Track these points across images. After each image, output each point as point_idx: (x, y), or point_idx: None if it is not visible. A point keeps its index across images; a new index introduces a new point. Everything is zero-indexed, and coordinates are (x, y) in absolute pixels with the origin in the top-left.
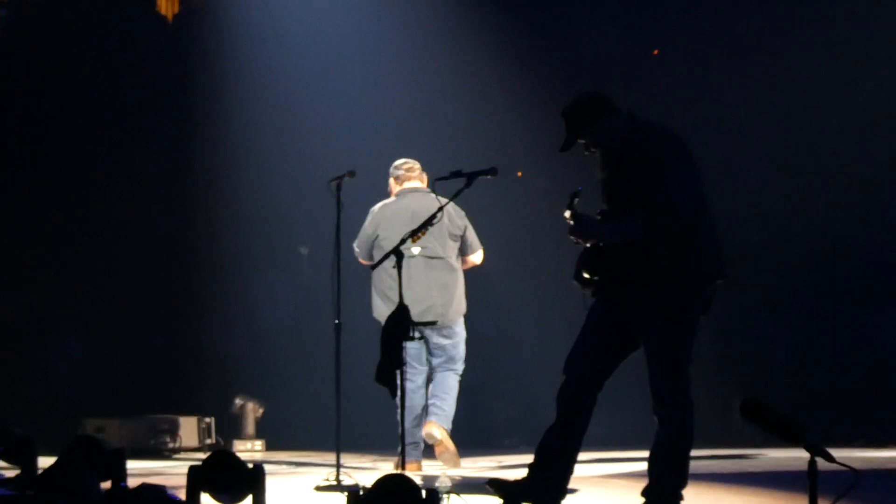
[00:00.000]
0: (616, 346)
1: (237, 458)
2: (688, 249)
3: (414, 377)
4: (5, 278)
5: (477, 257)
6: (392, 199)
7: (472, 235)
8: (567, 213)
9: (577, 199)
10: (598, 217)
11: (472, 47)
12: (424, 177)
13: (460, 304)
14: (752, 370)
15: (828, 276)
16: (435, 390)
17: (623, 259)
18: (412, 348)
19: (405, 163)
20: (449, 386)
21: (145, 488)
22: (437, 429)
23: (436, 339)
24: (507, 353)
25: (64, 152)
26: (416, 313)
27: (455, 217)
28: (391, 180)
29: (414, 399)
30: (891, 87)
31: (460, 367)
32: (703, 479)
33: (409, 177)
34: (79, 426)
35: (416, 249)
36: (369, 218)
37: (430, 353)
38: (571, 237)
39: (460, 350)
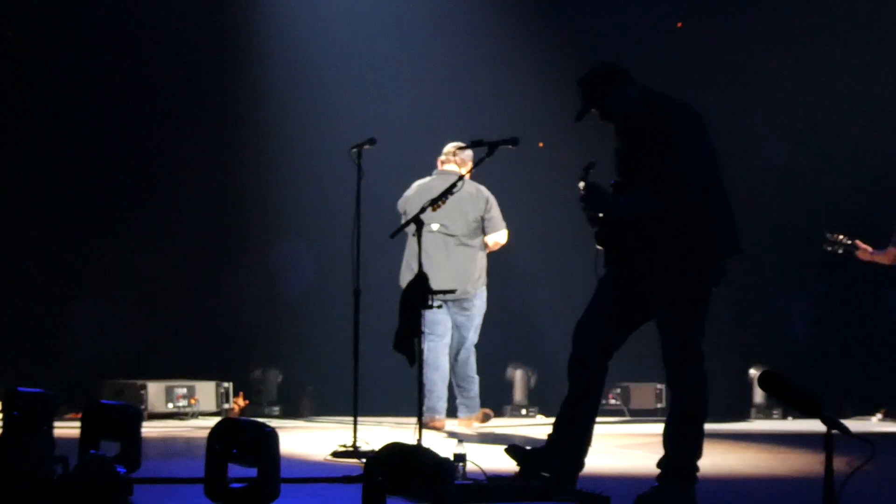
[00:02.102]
0: (626, 316)
1: (248, 422)
2: (701, 222)
3: (441, 338)
4: (33, 244)
5: (500, 236)
6: (428, 178)
7: (495, 214)
8: (581, 185)
9: (591, 171)
10: (612, 188)
11: (494, 16)
12: (468, 163)
13: (477, 280)
14: (770, 343)
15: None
16: (458, 378)
17: (635, 230)
18: (437, 314)
19: (449, 147)
20: (468, 373)
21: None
22: (467, 423)
23: (460, 317)
24: (526, 324)
25: (91, 120)
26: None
27: (477, 197)
28: (438, 161)
29: (439, 358)
30: None
31: (474, 338)
32: (715, 437)
33: (448, 160)
34: (99, 389)
35: (434, 226)
36: (405, 194)
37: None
38: (583, 209)
39: (476, 322)
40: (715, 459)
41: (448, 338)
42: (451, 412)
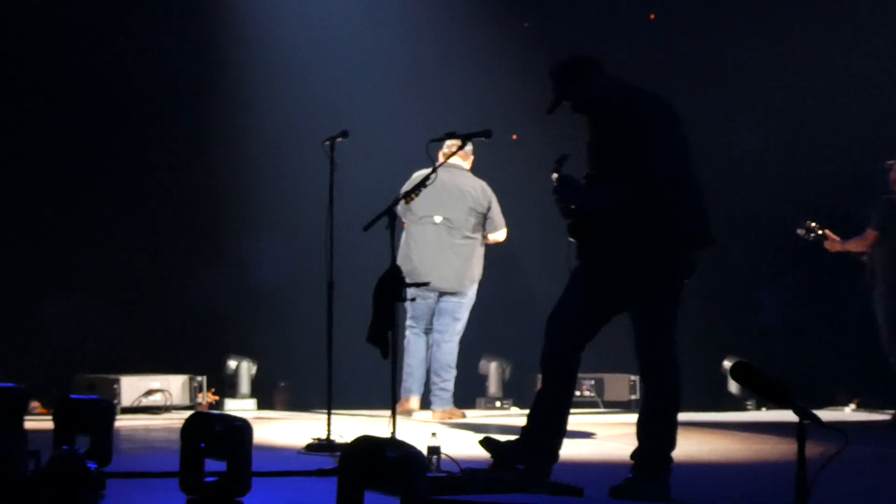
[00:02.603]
0: (598, 308)
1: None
2: (673, 213)
3: (423, 330)
4: (3, 238)
5: (499, 235)
6: (428, 169)
7: (496, 213)
8: (554, 177)
9: (564, 163)
10: (584, 180)
11: (467, 8)
12: (470, 156)
13: (474, 272)
14: (743, 333)
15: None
16: (436, 365)
17: (608, 222)
18: (419, 307)
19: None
20: (447, 362)
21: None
22: (440, 415)
23: (443, 302)
24: (500, 316)
25: (62, 115)
26: (431, 278)
27: (481, 194)
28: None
29: (421, 349)
30: (887, 52)
31: (460, 329)
32: (690, 427)
33: (447, 153)
34: (71, 383)
35: (438, 218)
36: (405, 184)
37: (437, 314)
38: (556, 201)
39: (465, 315)
40: (689, 448)
41: (428, 329)
42: (428, 404)
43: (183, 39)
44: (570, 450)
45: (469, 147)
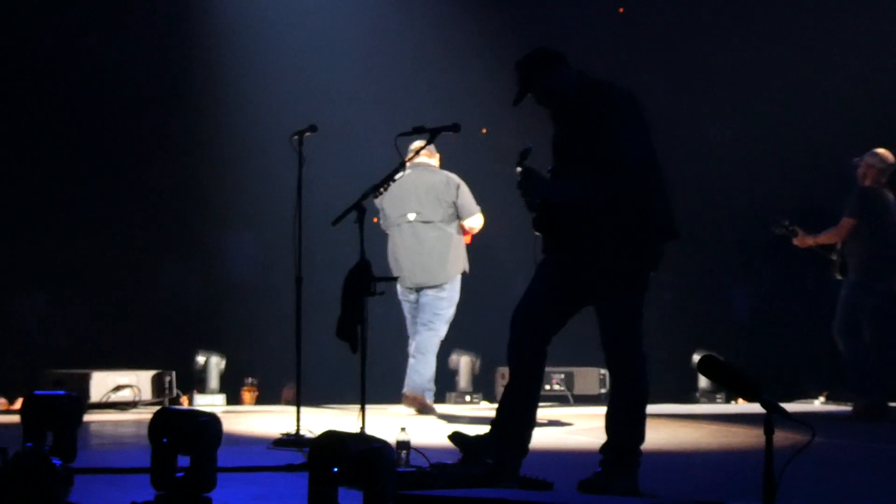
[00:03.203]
0: (564, 302)
1: (185, 411)
2: (638, 207)
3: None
4: None
5: (474, 221)
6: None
7: (466, 200)
8: (517, 170)
9: (527, 157)
10: (549, 174)
11: (436, 2)
12: (435, 154)
13: (454, 266)
14: (714, 327)
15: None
16: (415, 349)
17: (573, 216)
18: (406, 308)
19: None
20: (428, 347)
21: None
22: (411, 401)
23: (425, 297)
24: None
25: (27, 110)
26: (411, 275)
27: (448, 184)
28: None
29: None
30: (856, 44)
31: (443, 328)
32: (660, 418)
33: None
34: (39, 379)
35: (412, 216)
36: None
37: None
38: (521, 195)
39: (447, 311)
40: (659, 440)
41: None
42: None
43: (153, 36)
44: (539, 443)
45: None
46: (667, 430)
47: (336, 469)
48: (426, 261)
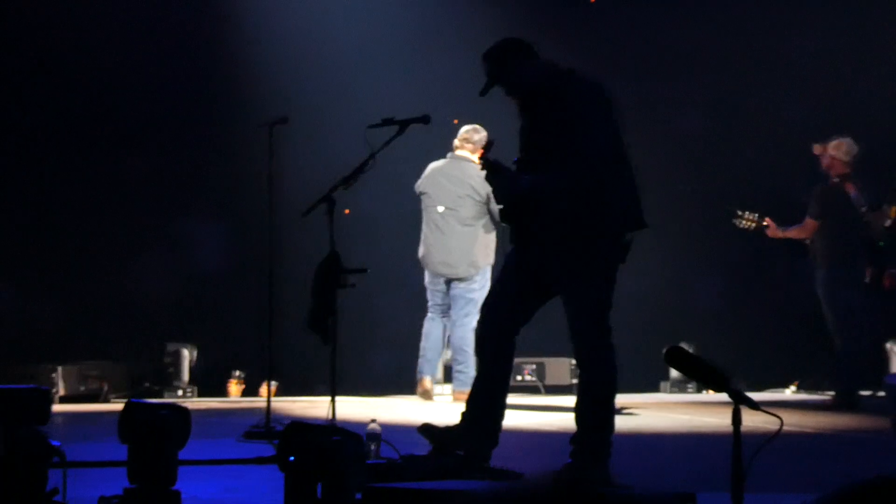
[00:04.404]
0: (532, 293)
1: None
2: (604, 197)
3: (438, 315)
4: None
5: None
6: (442, 161)
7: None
8: (480, 164)
9: (491, 149)
10: (515, 165)
11: None
12: (479, 149)
13: (477, 258)
14: (684, 316)
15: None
16: (456, 352)
17: (539, 207)
18: (436, 295)
19: (463, 132)
20: (460, 346)
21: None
22: (456, 396)
23: (453, 289)
24: None
25: None
26: (437, 265)
27: (481, 182)
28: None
29: (433, 331)
30: (828, 35)
31: (473, 312)
32: (631, 409)
33: (461, 146)
34: (8, 373)
35: (440, 208)
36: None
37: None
38: (491, 186)
39: (477, 299)
40: (630, 427)
41: (444, 315)
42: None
43: (121, 27)
44: (509, 434)
45: (479, 137)
46: (638, 419)
47: (292, 458)
48: (448, 256)
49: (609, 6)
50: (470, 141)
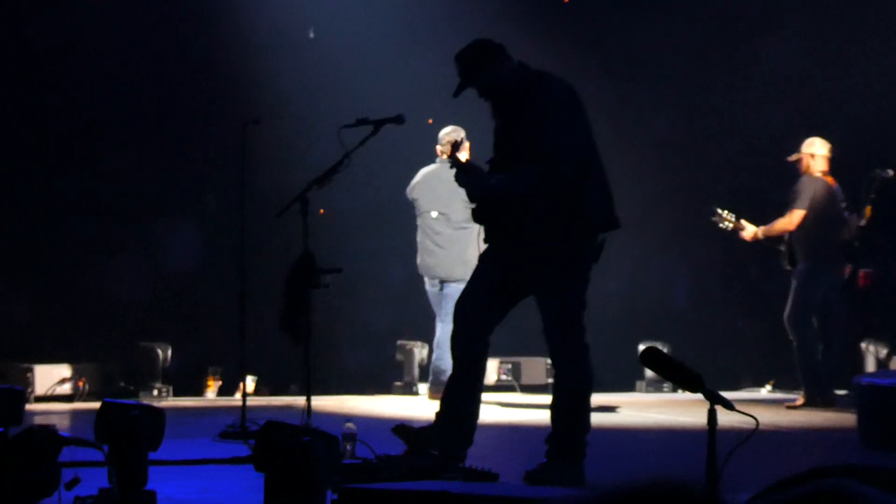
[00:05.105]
0: (506, 292)
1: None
2: (576, 198)
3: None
4: None
5: None
6: (433, 165)
7: None
8: (449, 163)
9: (458, 149)
10: (487, 165)
11: None
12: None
13: (471, 259)
14: (659, 316)
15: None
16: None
17: (511, 207)
18: (434, 297)
19: (444, 135)
20: None
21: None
22: None
23: (448, 287)
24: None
25: None
26: (433, 268)
27: None
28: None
29: (445, 334)
30: (802, 37)
31: None
32: (606, 408)
33: (441, 150)
34: None
35: (434, 213)
36: (412, 181)
37: (443, 299)
38: (459, 185)
39: None
40: (605, 426)
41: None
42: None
43: (92, 26)
44: (485, 434)
45: (459, 137)
46: (613, 419)
47: (258, 458)
48: (442, 259)
49: (583, 6)
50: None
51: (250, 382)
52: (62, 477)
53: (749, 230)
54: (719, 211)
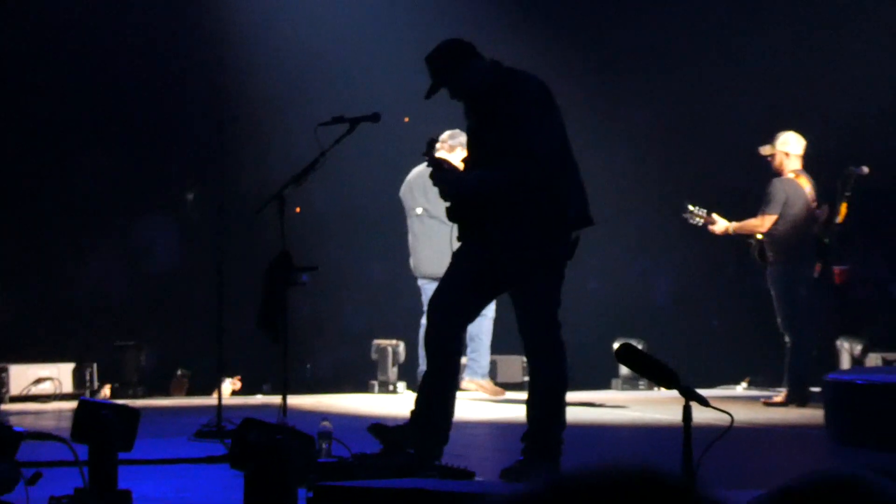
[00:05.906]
0: (480, 289)
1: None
2: (550, 195)
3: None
4: None
5: None
6: (421, 165)
7: None
8: (425, 161)
9: (433, 147)
10: (463, 163)
11: None
12: (456, 148)
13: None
14: (636, 313)
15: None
16: (471, 341)
17: (485, 205)
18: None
19: (443, 136)
20: (483, 332)
21: None
22: (471, 384)
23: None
24: (391, 298)
25: None
26: (425, 265)
27: None
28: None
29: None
30: (782, 34)
31: (490, 310)
32: (582, 405)
33: (439, 148)
34: None
35: (419, 210)
36: (405, 180)
37: None
38: (433, 184)
39: None
40: (580, 423)
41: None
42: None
43: (72, 24)
44: (461, 431)
45: (459, 140)
46: (589, 416)
47: (234, 456)
48: (431, 254)
49: (563, 2)
50: (446, 143)
51: (238, 382)
52: (23, 474)
53: (720, 224)
54: (690, 207)
